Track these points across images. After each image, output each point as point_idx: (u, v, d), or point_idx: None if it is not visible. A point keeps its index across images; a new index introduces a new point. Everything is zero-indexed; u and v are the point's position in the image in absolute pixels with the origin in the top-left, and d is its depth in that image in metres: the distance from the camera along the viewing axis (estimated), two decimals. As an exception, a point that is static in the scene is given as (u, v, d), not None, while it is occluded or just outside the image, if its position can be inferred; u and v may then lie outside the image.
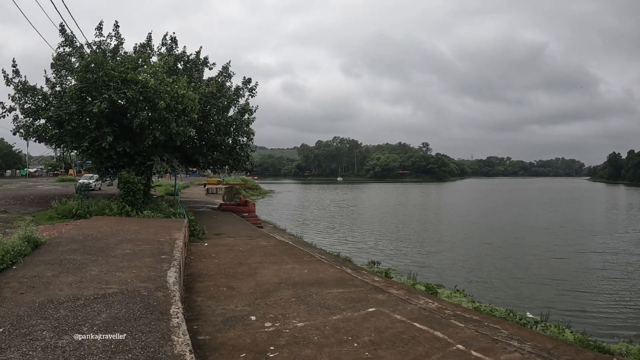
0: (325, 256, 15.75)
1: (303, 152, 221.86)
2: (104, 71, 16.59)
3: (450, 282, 16.39)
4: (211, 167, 27.13)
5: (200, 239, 14.96)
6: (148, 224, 13.45)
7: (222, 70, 24.89)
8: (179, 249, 9.13)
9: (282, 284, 9.19)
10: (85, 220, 14.26)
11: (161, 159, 18.45)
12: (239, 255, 12.42)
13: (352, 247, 25.00)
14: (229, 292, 8.48)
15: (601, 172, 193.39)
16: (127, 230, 11.60)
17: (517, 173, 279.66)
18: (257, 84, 25.53)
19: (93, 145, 17.44)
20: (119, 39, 22.13)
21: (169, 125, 17.14)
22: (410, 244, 26.69)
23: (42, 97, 20.76)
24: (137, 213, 15.35)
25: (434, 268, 19.79)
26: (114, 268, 7.31)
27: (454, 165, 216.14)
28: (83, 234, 10.61)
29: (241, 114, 24.88)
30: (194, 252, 12.49)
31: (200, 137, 23.60)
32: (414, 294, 9.99)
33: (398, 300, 8.58)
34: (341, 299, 8.30)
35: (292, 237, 22.90)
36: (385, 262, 19.62)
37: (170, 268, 7.36)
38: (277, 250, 13.83)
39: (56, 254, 8.30)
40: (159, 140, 17.99)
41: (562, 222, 38.65)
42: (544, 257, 22.77)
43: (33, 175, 69.97)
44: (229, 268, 10.70)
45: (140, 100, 16.64)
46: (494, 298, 14.91)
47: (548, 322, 11.48)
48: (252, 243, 14.96)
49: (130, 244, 9.61)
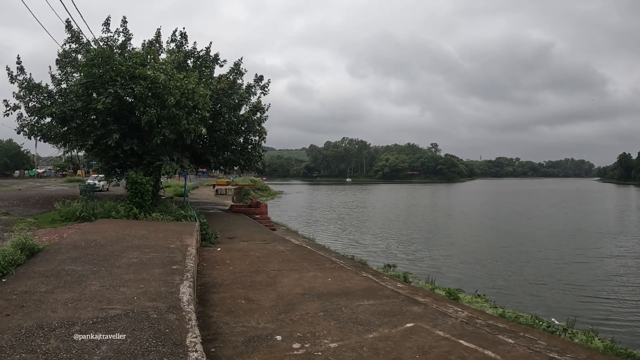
0: (344, 261, 14.71)
1: (312, 152, 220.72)
2: (111, 65, 15.66)
3: (468, 287, 15.76)
4: (222, 167, 26.10)
5: (212, 243, 13.98)
6: (157, 227, 12.47)
7: (233, 67, 23.89)
8: (191, 257, 8.13)
9: (306, 295, 8.21)
10: (90, 223, 13.30)
11: (170, 158, 17.50)
12: (255, 262, 11.42)
13: (363, 250, 24.07)
14: (248, 305, 7.47)
15: (611, 173, 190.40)
16: (134, 235, 10.63)
17: (526, 174, 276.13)
18: (269, 81, 24.60)
19: (98, 143, 16.50)
20: (127, 34, 21.23)
21: (179, 123, 16.18)
22: (424, 246, 25.77)
23: (48, 95, 19.86)
24: (146, 216, 14.40)
25: (449, 272, 19.03)
26: (118, 282, 6.30)
27: (463, 166, 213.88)
28: (86, 240, 9.64)
29: (253, 112, 23.92)
30: (207, 258, 11.49)
31: (211, 136, 22.65)
32: (441, 302, 9.01)
33: (436, 313, 7.58)
34: (374, 312, 7.33)
35: (307, 241, 21.87)
36: (400, 266, 18.72)
37: (184, 282, 6.34)
38: (295, 255, 12.83)
39: (54, 263, 7.32)
40: (168, 139, 17.05)
41: (578, 224, 37.40)
42: (562, 261, 21.83)
43: (41, 176, 69.83)
44: (245, 276, 9.69)
45: (149, 97, 15.68)
46: (516, 304, 14.21)
47: (574, 328, 10.91)
48: (268, 248, 13.97)
49: (137, 251, 8.62)
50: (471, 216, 45.07)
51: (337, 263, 12.19)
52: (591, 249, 25.52)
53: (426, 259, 22.10)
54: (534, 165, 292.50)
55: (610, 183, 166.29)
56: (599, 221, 40.16)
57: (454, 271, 19.25)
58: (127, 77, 15.89)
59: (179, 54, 21.15)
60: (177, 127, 16.32)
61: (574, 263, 21.39)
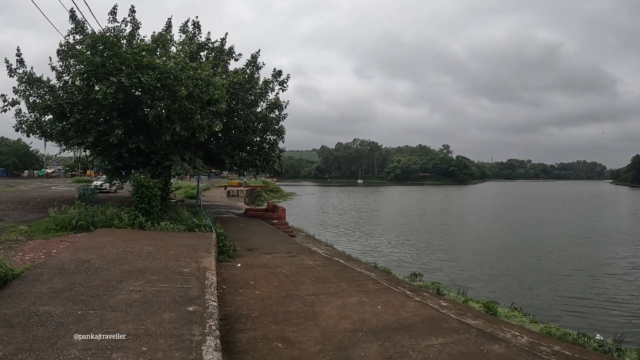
0: (376, 273, 12.65)
1: (323, 154, 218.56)
2: (115, 52, 13.72)
3: (498, 298, 14.64)
4: (237, 168, 24.03)
5: (231, 257, 12.00)
6: (166, 241, 10.48)
7: (250, 60, 21.84)
8: (212, 289, 6.12)
9: (358, 333, 6.37)
10: (87, 234, 11.29)
11: (182, 158, 15.50)
12: (284, 282, 9.43)
13: (381, 256, 22.48)
14: (288, 350, 5.61)
15: (624, 175, 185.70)
16: (138, 253, 8.62)
17: (538, 176, 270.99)
18: (288, 76, 22.48)
19: (100, 140, 14.52)
20: (135, 24, 19.26)
21: (192, 118, 14.20)
22: (445, 254, 24.03)
23: (49, 90, 17.95)
24: (153, 225, 12.39)
25: (476, 281, 17.71)
26: (108, 343, 4.25)
27: (474, 168, 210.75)
28: (77, 260, 7.65)
29: (271, 109, 21.92)
30: (227, 278, 9.48)
31: (226, 134, 20.69)
32: (496, 324, 7.52)
33: (522, 352, 5.87)
34: (449, 356, 5.58)
35: (331, 249, 19.83)
36: (424, 275, 17.55)
37: (206, 339, 4.28)
38: (329, 272, 10.86)
39: (27, 300, 5.34)
40: (179, 136, 15.08)
41: (604, 230, 35.25)
42: (594, 271, 20.28)
43: (50, 176, 68.72)
44: (276, 304, 7.71)
45: (158, 88, 13.70)
46: (555, 317, 13.37)
47: (622, 345, 10.16)
48: (295, 262, 11.99)
49: (140, 279, 6.61)
50: (492, 221, 42.83)
51: (380, 282, 10.25)
52: (623, 257, 23.94)
53: (447, 266, 20.84)
54: (546, 167, 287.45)
55: (624, 185, 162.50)
56: (623, 227, 38.00)
57: (481, 281, 18.00)
58: (133, 66, 13.94)
59: (192, 45, 19.22)
60: (189, 123, 14.34)
61: (609, 275, 19.74)
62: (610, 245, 28.00)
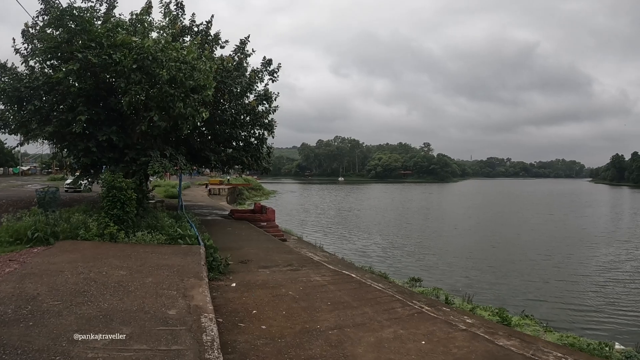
0: (390, 287, 10.77)
1: (304, 151, 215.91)
2: (83, 26, 11.44)
3: (493, 301, 14.16)
4: (222, 166, 21.66)
5: (222, 273, 9.95)
6: (144, 260, 8.28)
7: (239, 46, 19.60)
8: (215, 350, 4.05)
9: None
10: (45, 249, 8.98)
11: (161, 154, 13.26)
12: (295, 310, 7.49)
13: (371, 259, 21.53)
14: None
15: (604, 174, 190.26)
16: (105, 282, 6.45)
17: (518, 174, 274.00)
18: (279, 66, 20.36)
19: (62, 131, 12.17)
20: (111, 3, 16.74)
21: (173, 106, 12.01)
22: (441, 257, 22.99)
23: (15, 77, 15.35)
24: (127, 235, 10.16)
25: (478, 286, 16.88)
26: None
27: (455, 166, 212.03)
28: (19, 296, 5.47)
29: (260, 101, 19.77)
30: (222, 305, 7.40)
31: (211, 128, 18.51)
32: (532, 343, 6.49)
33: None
34: None
35: (328, 256, 17.84)
36: (413, 274, 17.24)
37: None
38: (344, 292, 9.04)
39: None
40: (158, 129, 12.85)
41: (602, 231, 34.30)
42: (599, 272, 19.86)
43: (26, 174, 65.57)
44: (293, 347, 5.79)
45: (134, 70, 11.48)
46: (567, 323, 12.93)
47: None
48: (300, 278, 10.05)
49: (105, 332, 4.48)
50: (482, 220, 41.77)
51: (411, 305, 8.45)
52: (631, 260, 23.04)
53: (439, 267, 20.38)
54: (526, 166, 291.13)
55: (603, 184, 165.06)
56: (621, 228, 37.21)
57: (482, 285, 17.34)
58: (105, 44, 11.68)
59: (175, 28, 16.94)
60: (170, 112, 12.13)
61: (607, 277, 19.15)
62: (610, 247, 26.95)
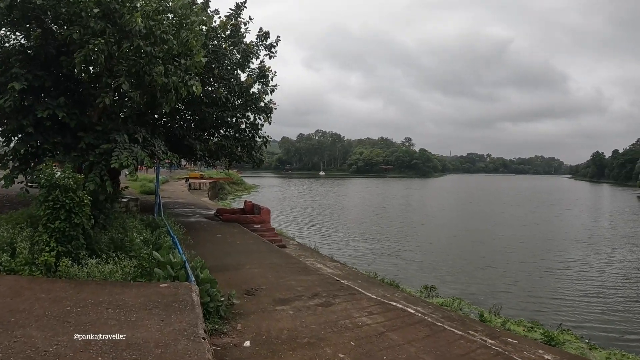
0: (468, 325, 7.52)
1: (284, 145, 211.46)
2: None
3: (511, 310, 12.90)
4: (210, 156, 17.82)
5: (223, 318, 6.51)
6: (92, 322, 4.69)
7: (234, 11, 15.80)
8: None
9: None
10: None
11: (131, 138, 9.39)
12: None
13: (371, 264, 19.35)
14: None
15: (584, 171, 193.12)
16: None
17: (498, 170, 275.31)
18: (278, 39, 16.71)
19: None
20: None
21: (150, 71, 8.40)
22: (446, 260, 21.05)
23: None
24: (75, 263, 6.51)
25: (497, 294, 15.21)
26: None
27: (437, 161, 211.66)
28: None
29: (256, 79, 16.15)
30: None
31: (197, 110, 14.88)
32: None
33: None
34: None
35: (340, 266, 14.44)
36: (424, 281, 15.54)
37: None
38: (420, 349, 5.99)
39: None
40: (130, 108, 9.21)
41: (600, 231, 32.27)
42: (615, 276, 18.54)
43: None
44: None
45: (95, 16, 7.82)
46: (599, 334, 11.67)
47: None
48: (341, 322, 6.78)
49: None
50: (475, 217, 39.63)
51: None
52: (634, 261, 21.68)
53: (442, 269, 19.07)
54: (505, 162, 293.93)
55: (583, 181, 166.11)
56: (617, 228, 35.16)
57: (499, 292, 15.72)
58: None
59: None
60: (145, 79, 8.52)
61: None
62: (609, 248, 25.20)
